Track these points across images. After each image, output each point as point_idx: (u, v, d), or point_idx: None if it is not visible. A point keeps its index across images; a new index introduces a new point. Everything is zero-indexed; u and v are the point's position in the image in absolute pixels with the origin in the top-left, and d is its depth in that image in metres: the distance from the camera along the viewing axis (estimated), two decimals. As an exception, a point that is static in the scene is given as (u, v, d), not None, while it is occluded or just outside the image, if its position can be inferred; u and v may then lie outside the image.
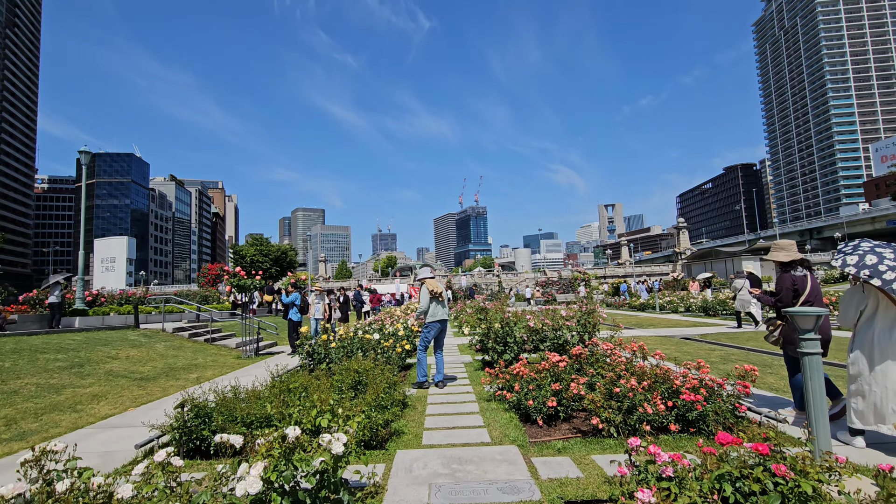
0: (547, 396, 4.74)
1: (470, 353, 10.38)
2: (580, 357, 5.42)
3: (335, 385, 4.56)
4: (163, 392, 7.04)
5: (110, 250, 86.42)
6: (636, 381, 4.32)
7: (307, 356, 7.49)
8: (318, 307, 11.84)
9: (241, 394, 4.85)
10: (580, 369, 5.33)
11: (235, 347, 11.83)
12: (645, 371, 4.59)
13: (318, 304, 11.84)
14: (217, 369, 9.17)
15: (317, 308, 11.82)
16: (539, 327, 7.22)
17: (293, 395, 4.55)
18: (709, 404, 4.03)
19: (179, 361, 9.45)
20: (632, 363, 5.08)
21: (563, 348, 6.88)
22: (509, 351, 7.02)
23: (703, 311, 18.08)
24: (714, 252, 51.37)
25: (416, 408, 5.50)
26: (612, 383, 4.35)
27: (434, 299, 6.86)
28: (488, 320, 7.80)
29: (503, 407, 5.27)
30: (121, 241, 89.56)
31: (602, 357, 5.48)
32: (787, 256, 4.84)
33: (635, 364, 5.10)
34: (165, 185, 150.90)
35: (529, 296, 36.91)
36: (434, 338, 6.90)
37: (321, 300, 12.31)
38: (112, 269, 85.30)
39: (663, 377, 4.42)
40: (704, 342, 10.30)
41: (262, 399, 4.46)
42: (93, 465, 4.14)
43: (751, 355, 8.15)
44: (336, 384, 4.57)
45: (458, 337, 14.09)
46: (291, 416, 3.40)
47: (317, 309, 11.82)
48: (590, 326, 6.96)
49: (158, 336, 11.57)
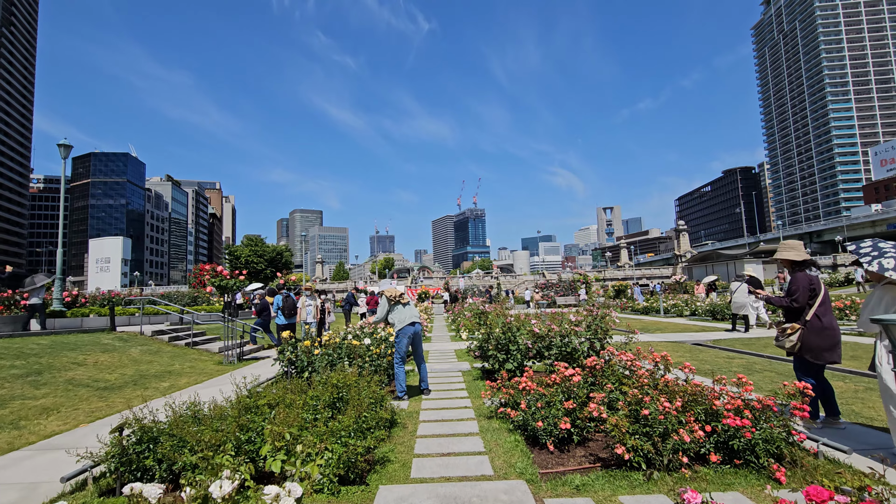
0: (559, 416, 4.04)
1: (468, 359, 9.67)
2: (595, 369, 4.72)
3: (309, 404, 3.84)
4: (126, 404, 6.29)
5: (105, 251, 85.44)
6: (667, 399, 3.62)
7: (288, 364, 6.77)
8: (308, 310, 11.08)
9: (203, 411, 4.15)
10: (595, 383, 4.63)
11: (218, 352, 11.08)
12: (674, 387, 3.89)
13: (310, 306, 11.07)
14: (193, 377, 8.44)
15: (308, 311, 11.05)
16: (544, 333, 6.53)
17: (257, 416, 3.84)
18: (757, 430, 3.33)
19: (153, 368, 8.71)
20: (655, 377, 4.40)
21: (572, 357, 6.18)
22: (512, 359, 6.31)
23: (710, 315, 17.40)
24: (715, 255, 50.83)
25: (406, 426, 4.78)
26: (637, 403, 3.64)
27: (395, 304, 6.26)
28: (488, 325, 7.09)
29: (506, 426, 4.56)
30: (115, 242, 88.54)
31: (620, 369, 4.77)
32: (798, 255, 4.46)
33: (659, 377, 4.41)
34: (162, 185, 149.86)
35: (529, 298, 36.21)
36: (411, 345, 6.23)
37: (313, 301, 11.56)
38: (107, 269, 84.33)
39: (698, 395, 3.72)
40: (720, 349, 9.61)
41: (225, 419, 3.75)
42: (9, 502, 3.43)
43: (775, 364, 7.47)
44: (310, 402, 3.85)
45: (455, 342, 13.37)
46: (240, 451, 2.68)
47: (308, 312, 11.04)
48: (601, 332, 6.26)
49: (135, 340, 10.82)
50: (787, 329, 4.41)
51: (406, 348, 6.15)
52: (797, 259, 4.49)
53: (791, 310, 4.40)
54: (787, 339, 4.40)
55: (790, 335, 4.37)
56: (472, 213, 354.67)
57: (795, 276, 4.41)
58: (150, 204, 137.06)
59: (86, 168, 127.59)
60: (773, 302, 4.55)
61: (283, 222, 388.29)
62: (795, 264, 4.51)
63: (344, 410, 3.92)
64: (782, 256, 4.61)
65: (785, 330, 4.44)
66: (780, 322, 4.60)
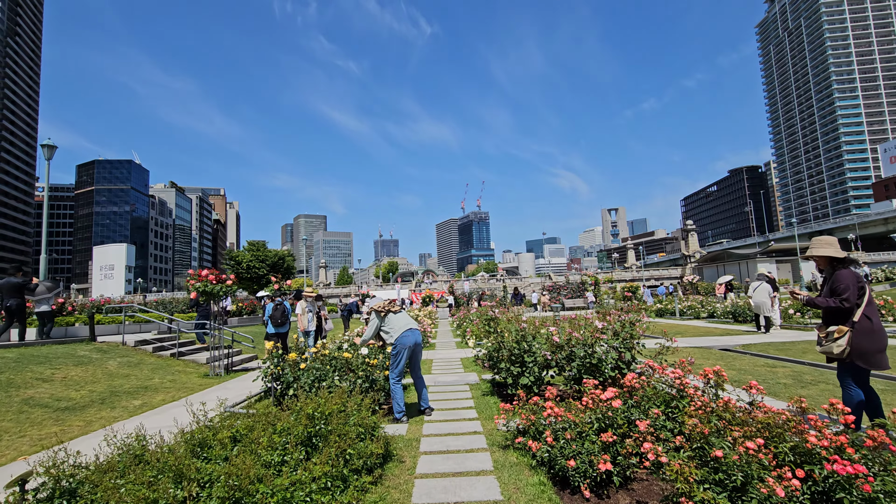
0: (595, 452, 3.18)
1: (476, 369, 8.80)
2: (634, 389, 3.84)
3: (275, 442, 2.99)
4: (84, 428, 5.49)
5: (109, 258, 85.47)
6: (742, 433, 2.76)
7: (273, 379, 5.94)
8: (310, 316, 10.20)
9: (150, 446, 3.33)
10: (637, 405, 3.75)
11: (206, 363, 10.28)
12: (743, 415, 3.02)
13: (310, 313, 10.21)
14: (172, 392, 7.62)
15: (309, 317, 10.17)
16: (564, 342, 5.66)
17: (212, 454, 3.00)
18: (877, 481, 2.45)
19: (128, 383, 7.91)
20: (710, 398, 3.54)
21: (598, 369, 5.30)
22: (528, 373, 5.43)
23: (731, 317, 16.42)
24: (726, 255, 49.68)
25: (402, 460, 3.93)
26: (703, 439, 2.78)
27: (385, 315, 5.47)
28: (499, 332, 6.22)
29: (527, 462, 3.69)
30: (119, 249, 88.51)
31: (665, 388, 3.90)
32: (839, 252, 4.04)
33: (714, 399, 3.55)
34: (166, 191, 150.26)
35: (536, 301, 35.25)
36: (408, 359, 5.40)
37: (313, 309, 10.70)
38: (111, 276, 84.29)
39: (781, 427, 2.84)
40: (754, 355, 8.68)
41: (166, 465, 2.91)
42: None
43: (826, 374, 6.54)
44: (276, 441, 3.00)
45: (461, 349, 12.50)
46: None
47: (309, 318, 10.18)
48: (631, 342, 5.39)
49: (115, 351, 10.04)
50: (835, 332, 3.88)
51: (405, 363, 5.31)
52: (838, 256, 4.01)
53: (837, 311, 3.91)
54: (833, 343, 3.87)
55: (838, 339, 3.84)
56: (475, 216, 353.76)
57: (840, 275, 3.95)
58: (154, 211, 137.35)
59: (90, 175, 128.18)
60: (818, 303, 4.00)
61: (288, 227, 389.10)
62: (836, 261, 4.03)
63: (322, 448, 3.07)
64: (821, 253, 4.09)
65: (831, 333, 3.91)
66: (820, 325, 4.08)
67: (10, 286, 9.76)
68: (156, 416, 6.02)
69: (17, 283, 9.88)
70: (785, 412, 3.06)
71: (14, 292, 9.80)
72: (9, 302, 9.70)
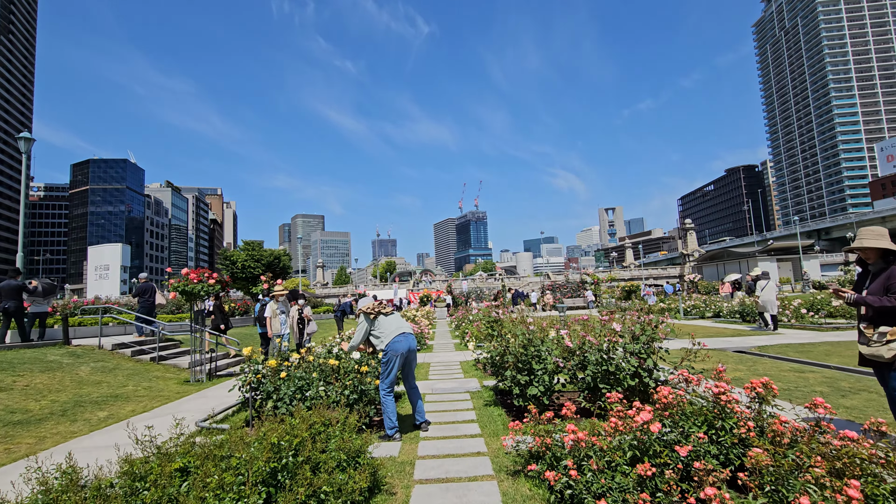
0: (629, 488, 2.57)
1: (477, 374, 8.19)
2: (668, 405, 3.22)
3: (227, 483, 2.35)
4: (33, 446, 4.84)
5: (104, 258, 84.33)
6: (821, 468, 2.15)
7: (251, 389, 5.30)
8: (282, 319, 9.34)
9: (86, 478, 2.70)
10: (674, 425, 3.14)
11: (188, 368, 9.62)
12: (821, 445, 2.41)
13: (282, 314, 9.39)
14: (145, 402, 6.97)
15: (281, 319, 9.30)
16: (577, 346, 5.05)
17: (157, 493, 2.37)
18: None
19: (98, 391, 7.25)
20: (761, 417, 2.95)
21: (615, 377, 4.70)
22: (537, 382, 4.81)
23: (739, 316, 15.87)
24: (727, 253, 49.25)
25: (393, 491, 3.30)
26: (777, 479, 2.16)
27: (376, 318, 4.86)
28: (503, 336, 5.59)
29: (542, 494, 3.07)
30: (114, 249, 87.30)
31: (704, 403, 3.29)
32: (891, 244, 3.56)
33: (768, 419, 2.96)
34: (161, 191, 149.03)
35: (535, 300, 34.68)
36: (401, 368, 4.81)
37: (284, 309, 9.74)
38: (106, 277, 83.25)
39: (872, 462, 2.24)
40: (774, 358, 8.10)
41: None
42: None
43: (864, 380, 5.95)
44: (231, 482, 2.36)
45: (460, 351, 11.89)
46: None
47: (281, 322, 9.31)
48: (652, 346, 4.78)
49: (90, 355, 9.36)
50: (888, 334, 3.40)
51: (397, 372, 4.69)
52: (892, 248, 3.50)
53: (892, 311, 3.41)
54: (884, 346, 3.40)
55: (890, 342, 3.38)
56: (473, 216, 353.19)
57: None
58: (149, 210, 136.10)
59: (84, 175, 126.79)
60: (871, 302, 3.46)
61: (286, 227, 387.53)
62: (891, 255, 3.54)
63: (289, 486, 2.44)
64: (873, 245, 3.57)
65: (882, 335, 3.44)
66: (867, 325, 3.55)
67: (10, 288, 9.76)
68: (118, 432, 5.37)
69: (17, 285, 9.87)
70: (862, 439, 2.45)
71: (13, 294, 9.77)
72: (7, 304, 9.66)
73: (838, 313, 12.78)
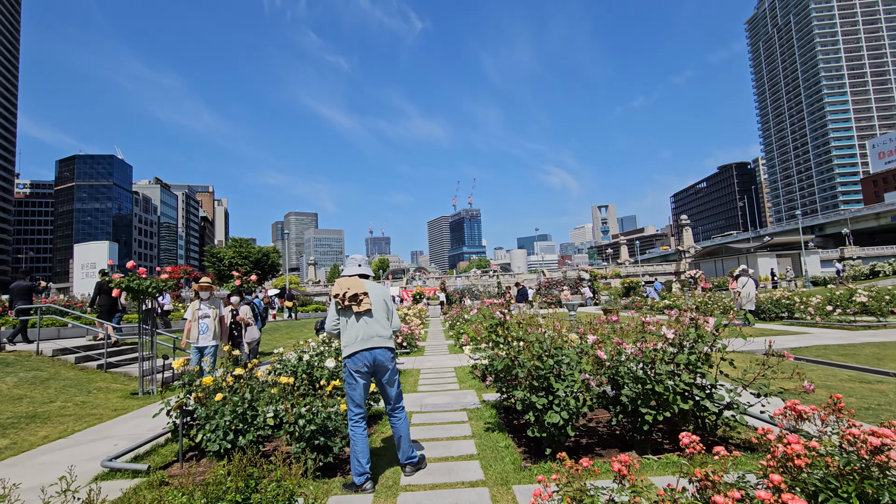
0: None
1: (474, 384, 6.99)
2: (796, 466, 2.03)
3: None
4: None
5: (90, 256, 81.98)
6: None
7: (182, 414, 4.04)
8: (204, 324, 6.63)
9: None
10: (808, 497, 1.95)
11: (139, 377, 8.31)
12: None
13: (206, 318, 6.68)
14: (70, 423, 5.68)
15: (202, 326, 6.62)
16: (610, 358, 3.87)
17: None
18: None
19: (12, 409, 5.95)
20: None
21: (661, 398, 3.51)
22: (559, 406, 3.59)
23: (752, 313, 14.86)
24: (724, 249, 48.64)
25: None
26: None
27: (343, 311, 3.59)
28: (509, 343, 4.34)
29: None
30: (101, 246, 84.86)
31: (843, 455, 2.11)
32: None
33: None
34: (150, 188, 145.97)
35: (530, 297, 33.59)
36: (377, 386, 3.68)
37: (213, 308, 6.87)
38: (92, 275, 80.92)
39: None
40: (819, 362, 7.00)
41: None
42: None
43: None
44: None
45: (454, 354, 10.69)
46: None
47: (202, 328, 6.63)
48: (709, 358, 3.61)
49: (23, 363, 8.02)
50: None
51: (362, 394, 3.46)
52: None
53: None
54: None
55: None
56: (467, 214, 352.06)
57: None
58: (137, 207, 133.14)
59: (70, 171, 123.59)
60: None
61: (278, 225, 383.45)
62: None
63: None
64: None
65: None
66: None
67: (20, 289, 9.80)
68: (10, 469, 4.09)
69: (27, 285, 9.94)
70: None
71: (24, 295, 9.83)
72: (18, 304, 9.61)
73: (868, 310, 11.77)
